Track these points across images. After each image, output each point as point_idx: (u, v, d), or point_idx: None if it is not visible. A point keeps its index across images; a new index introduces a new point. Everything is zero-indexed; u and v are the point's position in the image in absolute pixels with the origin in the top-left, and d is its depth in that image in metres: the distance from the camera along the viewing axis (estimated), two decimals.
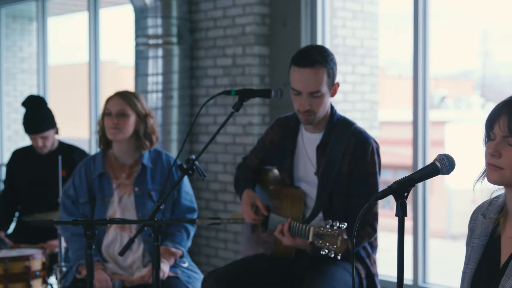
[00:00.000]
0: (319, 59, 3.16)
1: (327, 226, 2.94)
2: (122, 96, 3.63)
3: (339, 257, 2.94)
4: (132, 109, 3.61)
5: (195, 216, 3.73)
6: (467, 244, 2.23)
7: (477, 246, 2.16)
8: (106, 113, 3.61)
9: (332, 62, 3.20)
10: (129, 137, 3.63)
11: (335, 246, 2.91)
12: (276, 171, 3.52)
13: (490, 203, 2.18)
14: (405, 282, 4.66)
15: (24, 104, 4.63)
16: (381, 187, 3.14)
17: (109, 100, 3.65)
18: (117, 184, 3.65)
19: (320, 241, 2.94)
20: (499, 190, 2.14)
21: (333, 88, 3.24)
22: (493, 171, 2.04)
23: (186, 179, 3.73)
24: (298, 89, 3.18)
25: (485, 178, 2.08)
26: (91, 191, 3.65)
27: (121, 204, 3.62)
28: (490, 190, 2.15)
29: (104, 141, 3.69)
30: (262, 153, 3.53)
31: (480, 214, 2.21)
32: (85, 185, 3.65)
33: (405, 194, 2.01)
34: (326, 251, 2.92)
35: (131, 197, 3.62)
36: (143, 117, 3.63)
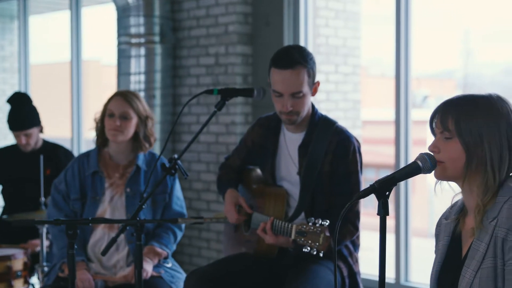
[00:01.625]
0: (299, 59, 3.15)
1: (310, 224, 2.95)
2: (125, 97, 3.61)
3: (321, 254, 2.95)
4: (134, 111, 3.59)
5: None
6: (435, 251, 2.31)
7: (442, 247, 2.26)
8: (108, 114, 3.59)
9: (311, 61, 3.20)
10: (129, 139, 3.63)
11: (317, 244, 2.92)
12: (258, 171, 3.52)
13: (452, 207, 2.29)
14: (387, 280, 4.69)
15: (10, 101, 4.61)
16: (364, 186, 3.16)
17: (111, 100, 3.62)
18: (110, 183, 3.64)
19: (303, 239, 2.95)
20: (459, 195, 2.23)
21: (314, 87, 3.24)
22: (437, 167, 2.15)
23: (178, 185, 3.74)
24: (279, 91, 3.18)
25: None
26: (83, 188, 3.63)
27: (112, 204, 3.61)
28: (446, 191, 2.25)
29: (102, 140, 3.68)
30: (244, 153, 3.53)
31: (443, 218, 2.31)
32: (77, 181, 3.63)
33: (387, 193, 2.03)
34: (309, 248, 2.93)
35: (122, 197, 3.61)
36: (143, 119, 3.62)
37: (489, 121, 2.09)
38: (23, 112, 4.57)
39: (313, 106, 3.33)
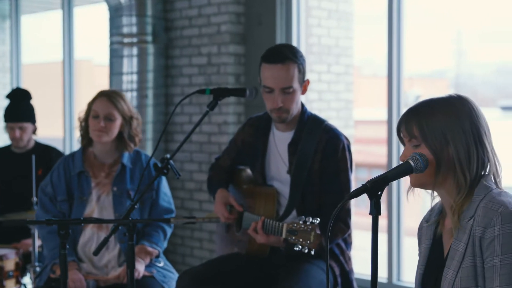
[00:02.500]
0: (289, 55, 3.18)
1: (300, 222, 2.96)
2: (110, 98, 3.60)
3: (312, 253, 2.95)
4: (119, 112, 3.59)
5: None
6: (419, 254, 2.32)
7: (424, 249, 2.27)
8: (92, 115, 3.58)
9: (301, 58, 3.22)
10: (113, 139, 3.62)
11: (308, 242, 2.92)
12: (249, 171, 3.53)
13: (432, 209, 2.31)
14: (379, 280, 4.69)
15: (9, 96, 4.64)
16: (356, 185, 3.16)
17: (95, 100, 3.61)
18: (96, 183, 3.63)
19: (294, 237, 2.95)
20: (438, 197, 2.25)
21: (304, 85, 3.26)
22: (410, 177, 2.16)
23: (164, 180, 3.73)
24: (270, 86, 3.19)
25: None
26: (70, 189, 3.62)
27: (99, 203, 3.61)
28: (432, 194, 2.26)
29: (86, 140, 3.67)
30: (234, 153, 3.54)
31: (424, 221, 2.32)
32: (63, 183, 3.62)
33: (379, 193, 2.03)
34: (300, 247, 2.94)
35: (109, 197, 3.61)
36: (128, 120, 3.62)
37: (450, 121, 2.11)
38: (21, 105, 4.60)
39: (302, 105, 3.34)
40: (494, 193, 2.09)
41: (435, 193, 2.23)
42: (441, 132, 2.10)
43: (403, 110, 4.69)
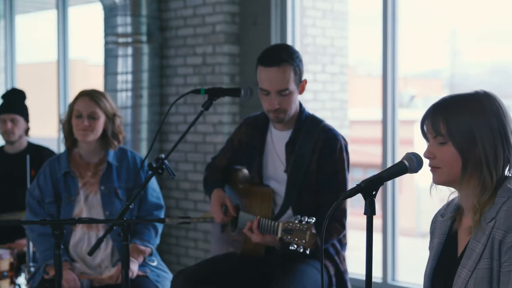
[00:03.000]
0: (285, 57, 3.17)
1: (296, 221, 2.96)
2: (92, 97, 3.60)
3: (307, 252, 2.95)
4: (102, 110, 3.59)
5: (162, 212, 3.72)
6: (429, 248, 2.30)
7: (437, 244, 2.24)
8: (75, 115, 3.58)
9: (298, 59, 3.21)
10: (98, 137, 3.62)
11: (303, 241, 2.92)
12: (245, 171, 3.52)
13: (448, 204, 2.28)
14: (374, 280, 4.70)
15: (4, 96, 4.70)
16: (351, 185, 3.16)
17: (77, 100, 3.62)
18: (83, 183, 3.63)
19: (289, 236, 2.96)
20: (455, 192, 2.23)
21: (301, 85, 3.26)
22: (433, 172, 2.15)
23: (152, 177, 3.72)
24: (266, 89, 3.19)
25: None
26: (57, 190, 3.62)
27: (87, 203, 3.60)
28: (449, 191, 2.24)
29: (71, 141, 3.67)
30: (231, 153, 3.53)
31: (439, 215, 2.29)
32: (50, 184, 3.62)
33: (374, 193, 2.03)
34: (295, 246, 2.94)
35: (97, 196, 3.61)
36: (111, 117, 3.62)
37: (479, 119, 2.07)
38: (15, 100, 4.62)
39: (300, 104, 3.34)
40: None
41: (453, 189, 2.20)
42: (469, 131, 2.07)
43: (398, 110, 4.72)
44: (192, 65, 5.55)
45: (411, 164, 2.09)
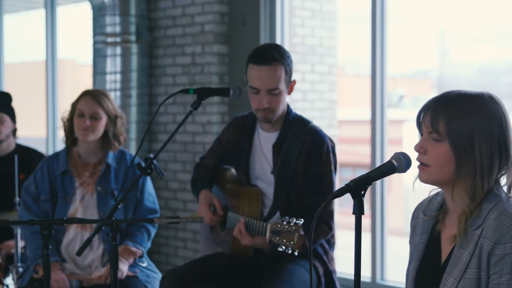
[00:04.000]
0: (276, 56, 3.18)
1: (284, 223, 2.96)
2: (95, 97, 3.60)
3: (296, 253, 2.96)
4: (104, 111, 3.59)
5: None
6: (410, 242, 2.26)
7: (419, 243, 2.20)
8: (77, 114, 3.58)
9: (288, 59, 3.22)
10: (98, 138, 3.61)
11: (292, 242, 2.92)
12: (233, 170, 3.52)
13: (429, 200, 2.22)
14: (363, 279, 4.71)
15: None
16: (340, 185, 3.17)
17: (80, 99, 3.61)
18: (80, 182, 3.62)
19: (277, 238, 2.96)
20: (437, 189, 2.17)
21: (290, 85, 3.26)
22: (421, 170, 2.08)
23: (149, 181, 3.73)
24: (256, 87, 3.19)
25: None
26: (53, 188, 3.61)
27: (83, 203, 3.59)
28: (429, 188, 2.18)
29: (71, 140, 3.66)
30: (219, 153, 3.53)
31: (420, 211, 2.24)
32: (47, 182, 3.61)
33: (362, 192, 2.01)
34: (284, 247, 2.94)
35: (94, 196, 3.60)
36: (113, 119, 3.62)
37: (482, 125, 1.99)
38: (2, 100, 4.59)
39: (288, 105, 3.34)
40: (505, 203, 2.01)
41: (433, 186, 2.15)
42: (469, 135, 1.99)
43: (387, 109, 4.73)
44: (181, 64, 5.54)
45: (399, 163, 2.05)
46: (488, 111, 2.02)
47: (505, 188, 2.07)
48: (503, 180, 2.07)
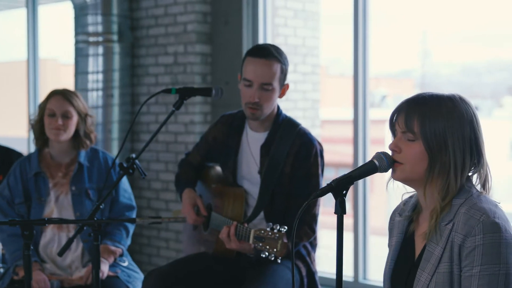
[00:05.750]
0: (274, 53, 3.22)
1: (268, 229, 2.95)
2: (65, 96, 3.59)
3: (279, 261, 2.96)
4: (75, 109, 3.58)
5: (134, 213, 3.71)
6: (388, 245, 2.31)
7: (395, 244, 2.25)
8: (48, 114, 3.56)
9: (286, 60, 3.27)
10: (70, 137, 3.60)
11: (275, 250, 2.92)
12: (218, 169, 3.52)
13: (404, 203, 2.28)
14: (345, 279, 4.72)
15: None
16: (323, 185, 3.17)
17: (49, 99, 3.60)
18: (54, 183, 3.60)
19: (261, 244, 2.95)
20: (409, 193, 2.24)
21: (283, 88, 3.28)
22: (394, 168, 2.12)
23: (124, 177, 3.70)
24: (250, 79, 3.19)
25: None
26: (27, 191, 3.59)
27: (58, 204, 3.58)
28: (403, 189, 2.23)
29: (42, 141, 3.64)
30: (205, 150, 3.53)
31: (397, 213, 2.29)
32: (20, 185, 3.59)
33: (344, 192, 2.03)
34: (267, 253, 2.94)
35: (68, 196, 3.58)
36: (83, 117, 3.61)
37: (454, 124, 2.06)
38: None
39: (278, 107, 3.35)
40: (475, 198, 2.06)
41: (409, 188, 2.20)
42: (442, 135, 2.05)
43: (369, 109, 4.74)
44: (163, 64, 5.53)
45: (381, 163, 2.09)
46: (460, 112, 2.08)
47: (478, 187, 2.12)
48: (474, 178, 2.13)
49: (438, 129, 2.06)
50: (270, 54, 3.20)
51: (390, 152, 2.14)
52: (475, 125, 2.09)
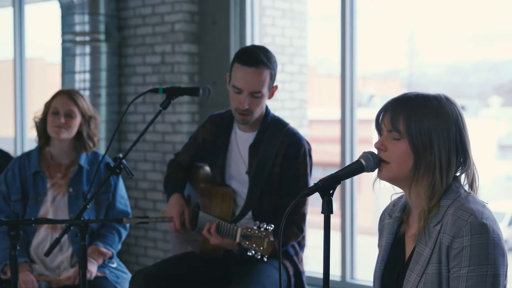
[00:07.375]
0: (264, 59, 3.18)
1: (254, 228, 2.96)
2: (70, 95, 3.59)
3: (265, 259, 2.96)
4: (79, 110, 3.58)
5: None
6: (378, 245, 2.31)
7: (385, 245, 2.25)
8: (52, 112, 3.55)
9: (275, 64, 3.24)
10: (72, 137, 3.59)
11: (261, 248, 2.93)
12: (207, 168, 3.52)
13: (394, 203, 2.28)
14: (333, 278, 4.72)
15: None
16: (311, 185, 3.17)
17: (55, 98, 3.59)
18: (52, 183, 3.59)
19: (247, 242, 2.96)
20: (398, 193, 2.25)
21: (272, 90, 3.27)
22: (380, 167, 2.13)
23: (121, 183, 3.71)
24: (240, 87, 3.18)
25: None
26: (24, 189, 3.58)
27: (54, 204, 3.57)
28: (391, 189, 2.23)
29: (44, 139, 3.63)
30: (194, 150, 3.52)
31: (387, 214, 2.30)
32: (18, 182, 3.58)
33: (331, 192, 2.04)
34: (253, 252, 2.94)
35: (65, 198, 3.57)
36: (87, 119, 3.60)
37: (440, 124, 2.06)
38: None
39: (266, 107, 3.35)
40: (463, 199, 2.06)
41: (397, 189, 2.20)
42: (428, 134, 2.06)
43: (357, 109, 4.75)
44: (151, 64, 5.52)
45: (368, 163, 2.09)
46: (446, 111, 2.08)
47: (466, 187, 2.13)
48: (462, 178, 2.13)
49: (423, 129, 2.06)
50: (260, 62, 3.16)
51: (376, 151, 2.14)
52: (461, 125, 2.09)
